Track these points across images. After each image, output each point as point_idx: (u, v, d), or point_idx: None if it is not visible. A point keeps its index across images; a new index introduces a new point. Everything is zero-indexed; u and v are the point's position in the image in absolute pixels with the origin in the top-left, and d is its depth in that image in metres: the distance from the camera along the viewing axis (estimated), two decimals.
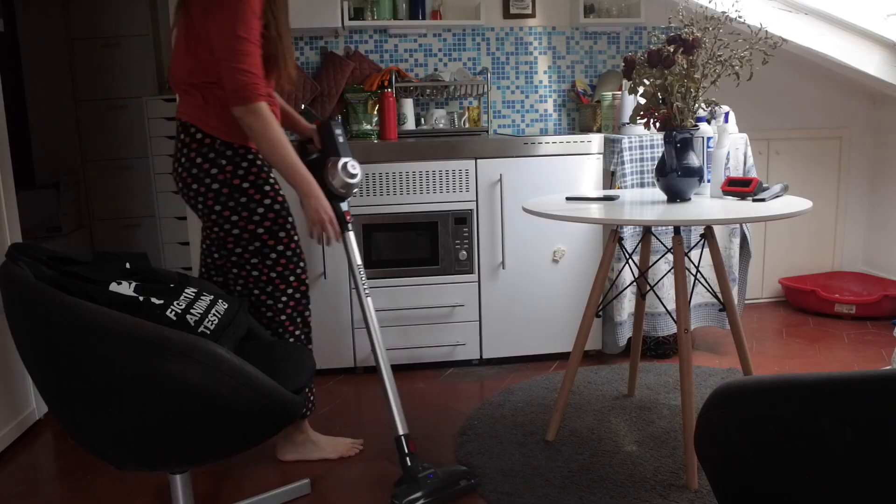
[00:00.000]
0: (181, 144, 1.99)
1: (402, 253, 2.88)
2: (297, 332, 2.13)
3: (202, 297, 1.67)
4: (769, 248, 3.85)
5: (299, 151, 2.09)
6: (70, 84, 4.30)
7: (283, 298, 2.08)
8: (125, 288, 1.55)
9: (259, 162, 2.00)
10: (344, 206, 2.12)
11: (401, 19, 3.26)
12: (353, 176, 2.08)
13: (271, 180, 2.02)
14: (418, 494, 1.89)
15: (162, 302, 1.56)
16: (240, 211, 1.97)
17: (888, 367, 1.59)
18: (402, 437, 2.01)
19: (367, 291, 2.13)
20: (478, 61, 3.44)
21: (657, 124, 2.11)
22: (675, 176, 2.10)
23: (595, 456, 2.16)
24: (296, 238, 2.07)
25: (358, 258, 2.13)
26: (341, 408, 2.63)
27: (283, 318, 2.09)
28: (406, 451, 1.99)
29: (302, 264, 2.10)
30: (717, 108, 2.33)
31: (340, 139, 2.11)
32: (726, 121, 2.75)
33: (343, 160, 2.07)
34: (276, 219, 2.01)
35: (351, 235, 2.13)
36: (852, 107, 3.80)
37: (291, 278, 2.08)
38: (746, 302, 3.83)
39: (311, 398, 2.18)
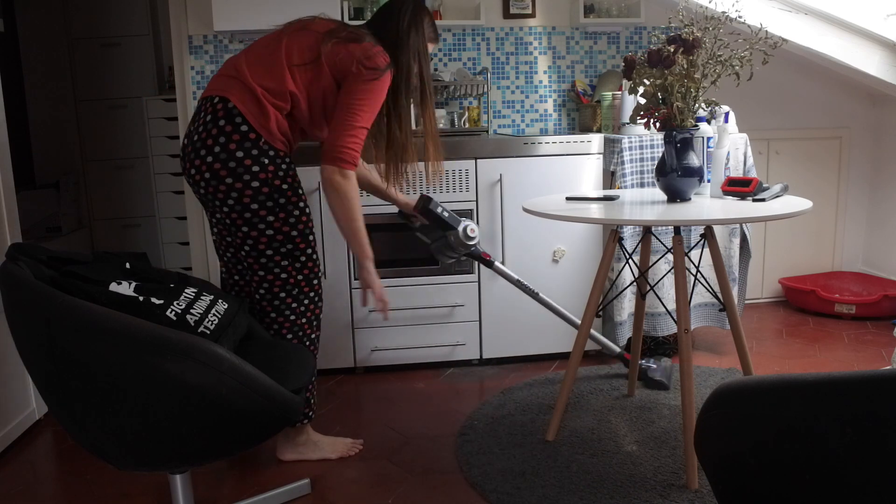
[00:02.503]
0: (217, 130, 1.89)
1: (402, 253, 2.87)
2: (314, 336, 2.14)
3: (202, 297, 1.67)
4: (769, 248, 3.85)
5: (405, 221, 2.54)
6: (70, 84, 4.31)
7: (306, 301, 2.09)
8: (125, 288, 1.55)
9: (293, 166, 2.04)
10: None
11: None
12: (471, 238, 2.43)
13: (300, 185, 2.04)
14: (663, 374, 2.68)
15: (162, 302, 1.56)
16: (277, 212, 1.96)
17: (888, 367, 1.59)
18: (623, 353, 2.72)
19: (531, 288, 2.57)
20: (478, 61, 3.44)
21: (657, 124, 2.11)
22: (675, 176, 2.10)
23: (595, 456, 2.16)
24: (315, 243, 2.11)
25: (514, 275, 2.56)
26: (341, 408, 2.63)
27: (304, 321, 2.10)
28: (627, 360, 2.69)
29: (320, 269, 2.14)
30: (717, 108, 2.32)
31: (445, 214, 2.40)
32: (726, 121, 2.75)
33: (460, 229, 2.41)
34: (307, 222, 2.03)
35: (497, 264, 2.54)
36: (852, 107, 3.80)
37: (315, 281, 2.09)
38: (746, 302, 3.83)
39: (313, 402, 2.18)
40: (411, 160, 2.13)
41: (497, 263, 2.54)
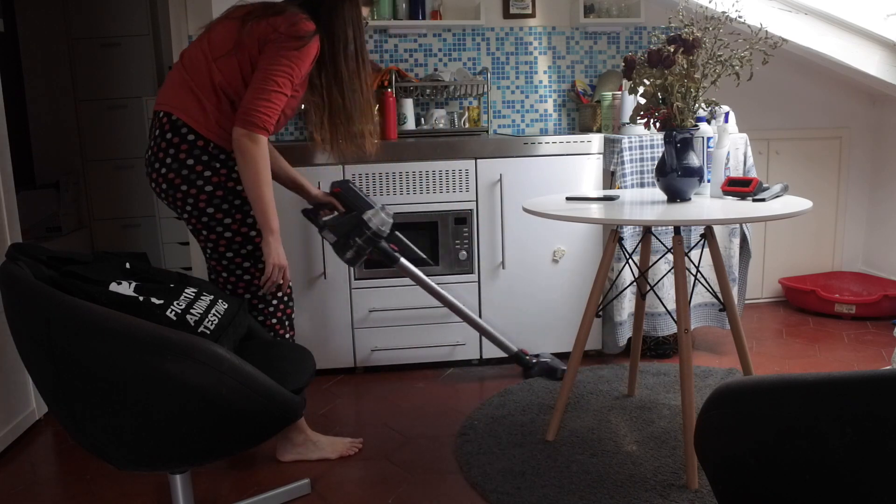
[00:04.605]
0: (165, 143, 1.91)
1: (402, 253, 2.87)
2: (287, 336, 2.14)
3: (202, 297, 1.67)
4: (769, 248, 3.85)
5: (310, 219, 2.40)
6: (70, 84, 4.31)
7: (274, 301, 2.09)
8: (125, 288, 1.55)
9: None
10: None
11: (401, 19, 3.26)
12: (389, 215, 2.38)
13: None
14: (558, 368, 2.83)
15: (162, 302, 1.56)
16: (234, 213, 1.96)
17: (888, 367, 1.59)
18: (519, 351, 2.82)
19: (435, 285, 2.60)
20: (478, 61, 3.44)
21: (657, 124, 2.11)
22: (675, 176, 2.10)
23: (595, 456, 2.16)
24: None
25: (419, 273, 2.56)
26: (341, 408, 2.63)
27: (274, 321, 2.10)
28: (525, 356, 2.83)
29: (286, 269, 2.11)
30: (717, 108, 2.32)
31: (362, 192, 2.36)
32: (726, 121, 2.75)
33: (377, 207, 2.35)
34: None
35: (404, 261, 2.51)
36: (852, 107, 3.80)
37: (280, 281, 2.08)
38: (746, 302, 3.83)
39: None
40: (357, 128, 2.07)
41: (403, 260, 2.48)
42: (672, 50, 2.00)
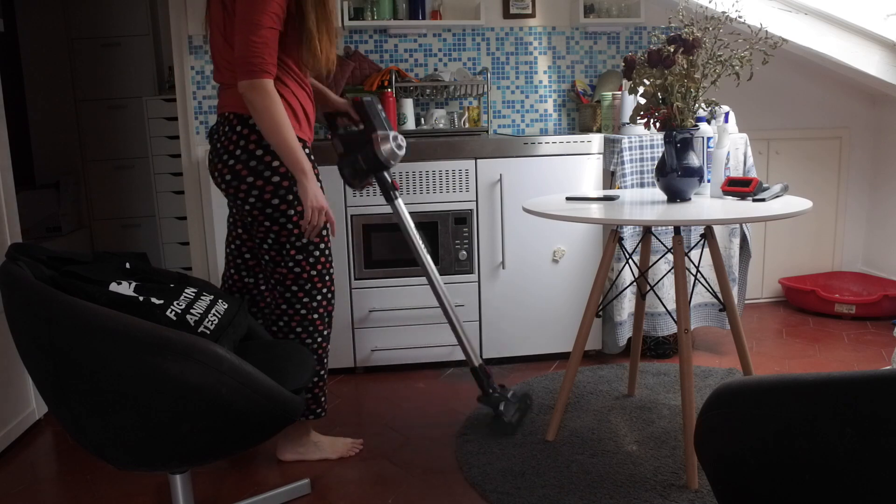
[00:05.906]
0: (236, 136, 1.95)
1: (402, 253, 2.87)
2: (326, 333, 2.15)
3: (202, 297, 1.67)
4: (769, 248, 3.85)
5: (329, 124, 2.26)
6: (70, 84, 4.31)
7: (318, 297, 2.10)
8: (125, 288, 1.55)
9: (312, 158, 2.03)
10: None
11: (401, 19, 3.26)
12: (401, 147, 2.17)
13: (318, 178, 2.03)
14: (515, 407, 2.35)
15: (162, 302, 1.56)
16: (296, 205, 1.99)
17: (888, 367, 1.58)
18: (480, 367, 2.32)
19: (424, 252, 2.30)
20: (478, 61, 3.43)
21: (657, 124, 2.11)
22: (675, 176, 2.10)
23: (595, 456, 2.16)
24: (330, 240, 2.12)
25: (411, 223, 2.28)
26: (341, 408, 2.63)
27: (315, 316, 2.10)
28: (487, 377, 2.34)
29: (333, 265, 2.14)
30: (717, 108, 2.32)
31: (383, 114, 2.19)
32: (726, 121, 2.75)
33: (392, 133, 2.16)
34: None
35: (400, 202, 2.27)
36: (852, 107, 3.80)
37: (327, 277, 2.10)
38: (746, 302, 3.83)
39: (323, 399, 2.18)
40: (325, 50, 2.01)
41: (399, 202, 2.27)
42: (672, 50, 2.00)
